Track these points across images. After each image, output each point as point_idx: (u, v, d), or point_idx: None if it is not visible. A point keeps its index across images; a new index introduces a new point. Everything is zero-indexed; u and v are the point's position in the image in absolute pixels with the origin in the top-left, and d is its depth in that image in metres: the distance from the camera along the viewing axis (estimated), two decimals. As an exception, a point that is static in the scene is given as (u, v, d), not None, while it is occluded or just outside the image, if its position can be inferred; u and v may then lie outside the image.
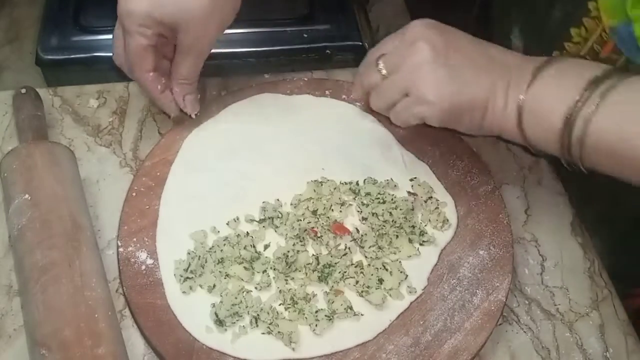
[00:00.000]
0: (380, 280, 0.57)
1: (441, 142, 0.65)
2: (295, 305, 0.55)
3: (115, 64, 0.64)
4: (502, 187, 0.66)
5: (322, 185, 0.62)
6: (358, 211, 0.62)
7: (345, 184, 0.63)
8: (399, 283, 0.57)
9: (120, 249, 0.58)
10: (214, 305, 0.55)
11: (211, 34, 0.61)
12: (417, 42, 0.55)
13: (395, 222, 0.60)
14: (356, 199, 0.62)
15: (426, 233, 0.60)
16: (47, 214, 0.56)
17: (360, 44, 0.84)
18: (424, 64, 0.54)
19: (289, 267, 0.57)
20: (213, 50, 0.83)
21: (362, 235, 0.59)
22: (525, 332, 0.58)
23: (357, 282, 0.57)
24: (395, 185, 0.63)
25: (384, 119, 0.66)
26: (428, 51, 0.54)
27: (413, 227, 0.60)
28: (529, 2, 0.68)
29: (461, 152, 0.66)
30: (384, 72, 0.58)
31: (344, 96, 0.70)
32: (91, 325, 0.51)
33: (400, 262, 0.58)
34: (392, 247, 0.59)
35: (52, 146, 0.62)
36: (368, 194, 0.62)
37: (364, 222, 0.61)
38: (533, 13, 0.67)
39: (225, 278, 0.56)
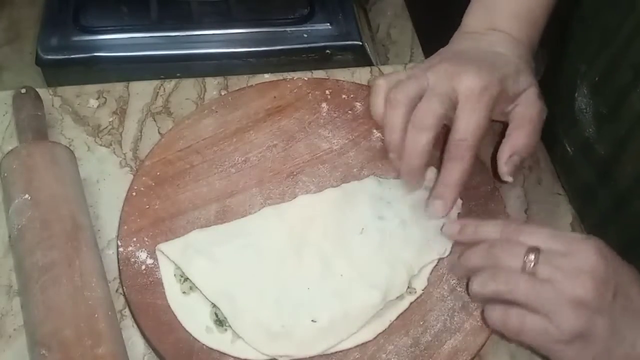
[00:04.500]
0: (380, 280, 0.57)
1: (441, 143, 0.65)
2: (295, 305, 0.55)
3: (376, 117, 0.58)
4: (502, 187, 0.66)
5: None
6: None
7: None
8: (399, 283, 0.57)
9: (120, 249, 0.58)
10: (213, 305, 0.55)
11: None
12: (583, 276, 0.46)
13: (395, 222, 0.60)
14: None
15: (426, 233, 0.60)
16: (47, 214, 0.56)
17: (360, 43, 0.84)
18: (584, 315, 0.45)
19: (289, 267, 0.57)
20: (213, 50, 0.84)
21: (362, 235, 0.59)
22: (525, 332, 0.58)
23: (357, 282, 0.57)
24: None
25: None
26: (592, 298, 0.45)
27: (413, 227, 0.60)
28: (602, 62, 0.60)
29: (461, 152, 0.66)
30: (531, 268, 0.48)
31: (344, 95, 0.70)
32: (91, 325, 0.51)
33: (400, 262, 0.58)
34: (392, 247, 0.59)
35: (52, 146, 0.62)
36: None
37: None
38: (610, 77, 0.59)
39: (225, 278, 0.57)
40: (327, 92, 0.71)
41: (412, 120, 0.54)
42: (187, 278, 0.56)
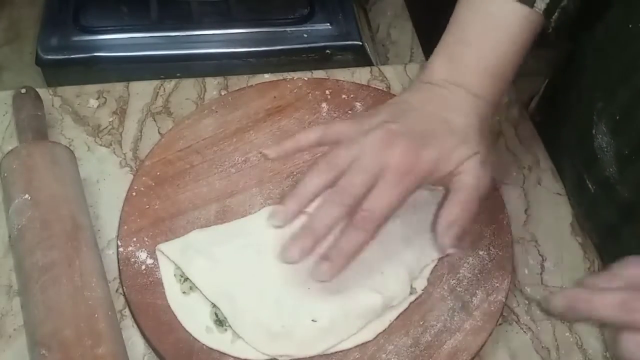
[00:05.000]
0: (380, 280, 0.57)
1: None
2: (295, 305, 0.55)
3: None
4: (502, 187, 0.66)
5: None
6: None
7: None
8: (399, 283, 0.57)
9: (120, 249, 0.58)
10: (213, 305, 0.55)
11: None
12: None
13: (395, 222, 0.60)
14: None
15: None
16: (47, 213, 0.56)
17: (360, 43, 0.84)
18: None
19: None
20: (213, 51, 0.84)
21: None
22: (525, 332, 0.58)
23: (357, 282, 0.57)
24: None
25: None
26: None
27: (413, 227, 0.60)
28: (623, 99, 0.57)
29: (461, 152, 0.66)
30: None
31: (344, 95, 0.70)
32: (91, 325, 0.51)
33: (400, 262, 0.58)
34: (392, 247, 0.59)
35: (52, 146, 0.62)
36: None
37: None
38: (632, 117, 0.56)
39: (225, 278, 0.56)
40: (327, 92, 0.71)
41: (332, 191, 0.51)
42: (187, 278, 0.56)
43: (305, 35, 0.83)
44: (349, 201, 0.50)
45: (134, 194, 0.62)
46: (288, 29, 0.84)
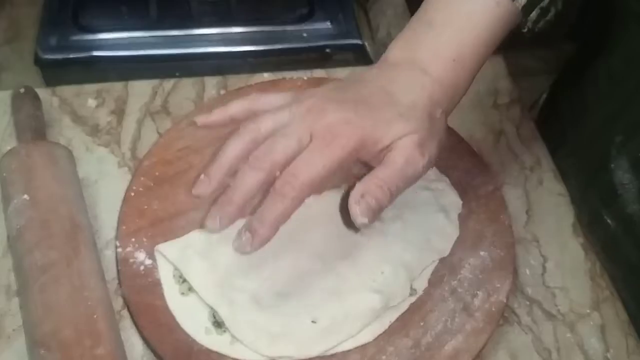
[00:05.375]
0: (381, 281, 0.56)
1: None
2: (295, 306, 0.55)
3: None
4: (503, 187, 0.66)
5: None
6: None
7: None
8: (399, 284, 0.57)
9: (119, 249, 0.58)
10: (212, 307, 0.55)
11: None
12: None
13: (395, 222, 0.60)
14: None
15: (426, 233, 0.60)
16: (45, 214, 0.56)
17: (360, 43, 0.84)
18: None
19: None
20: (213, 50, 0.84)
21: (362, 236, 0.59)
22: (526, 333, 0.58)
23: (357, 282, 0.56)
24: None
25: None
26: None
27: (413, 227, 0.60)
28: None
29: (462, 152, 0.65)
30: None
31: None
32: (90, 326, 0.51)
33: (400, 262, 0.58)
34: (392, 248, 0.58)
35: (50, 146, 0.62)
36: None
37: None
38: None
39: (224, 279, 0.56)
40: (327, 91, 0.70)
41: (249, 158, 0.48)
42: (186, 279, 0.56)
43: (305, 35, 0.83)
44: (267, 165, 0.46)
45: (132, 194, 0.61)
46: (288, 28, 0.84)
